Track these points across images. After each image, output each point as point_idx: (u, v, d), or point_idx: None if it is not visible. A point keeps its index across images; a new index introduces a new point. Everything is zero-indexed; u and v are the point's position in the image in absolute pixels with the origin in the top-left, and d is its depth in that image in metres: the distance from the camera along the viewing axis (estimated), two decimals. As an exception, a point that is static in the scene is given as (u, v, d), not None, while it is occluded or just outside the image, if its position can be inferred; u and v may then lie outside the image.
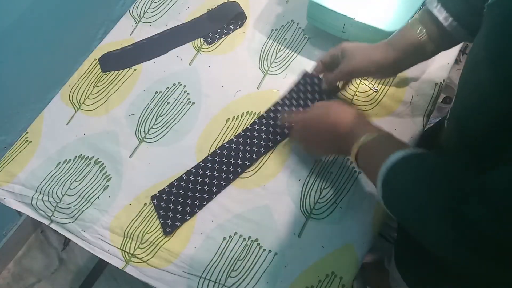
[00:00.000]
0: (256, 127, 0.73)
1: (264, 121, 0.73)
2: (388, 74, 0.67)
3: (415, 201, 0.42)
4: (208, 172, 0.70)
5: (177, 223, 0.66)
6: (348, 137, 0.55)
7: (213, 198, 0.68)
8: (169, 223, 0.66)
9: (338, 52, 0.65)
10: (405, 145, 0.49)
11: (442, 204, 0.39)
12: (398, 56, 0.60)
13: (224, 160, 0.71)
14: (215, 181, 0.69)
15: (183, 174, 0.70)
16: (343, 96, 0.75)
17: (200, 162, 0.71)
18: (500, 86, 0.38)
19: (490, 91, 0.39)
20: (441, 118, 0.75)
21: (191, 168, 0.70)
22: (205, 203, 0.67)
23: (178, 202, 0.68)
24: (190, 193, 0.68)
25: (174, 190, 0.69)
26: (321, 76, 0.72)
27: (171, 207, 0.68)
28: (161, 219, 0.67)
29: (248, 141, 0.72)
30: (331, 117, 0.58)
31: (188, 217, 0.67)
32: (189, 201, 0.68)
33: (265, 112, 0.74)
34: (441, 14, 0.54)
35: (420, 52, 0.59)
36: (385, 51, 0.61)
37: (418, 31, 0.57)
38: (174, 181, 0.70)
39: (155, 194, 0.69)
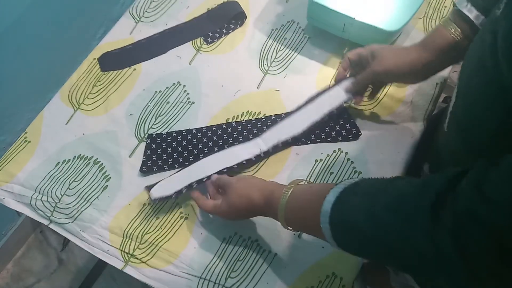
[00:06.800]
0: (259, 124, 0.72)
1: (269, 122, 0.72)
2: (420, 78, 0.62)
3: (382, 223, 0.38)
4: (205, 140, 0.71)
5: (155, 168, 0.70)
6: (268, 205, 0.53)
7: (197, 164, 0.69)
8: (148, 164, 0.70)
9: (368, 52, 0.63)
10: (329, 184, 0.46)
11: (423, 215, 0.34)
12: (432, 57, 0.58)
13: (225, 136, 0.71)
14: (206, 150, 0.70)
15: (184, 130, 0.72)
16: (364, 105, 0.72)
17: (203, 127, 0.73)
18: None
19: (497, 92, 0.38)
20: (438, 115, 0.72)
21: (193, 129, 0.73)
22: (187, 163, 0.69)
23: (166, 151, 0.71)
24: (180, 149, 0.71)
25: (168, 139, 0.72)
26: (347, 74, 0.69)
27: (158, 152, 0.71)
28: (144, 157, 0.71)
29: (251, 136, 0.71)
30: (243, 202, 0.55)
31: (167, 168, 0.69)
32: (175, 155, 0.70)
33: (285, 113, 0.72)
34: (471, 13, 0.53)
35: (455, 52, 0.57)
36: (418, 52, 0.59)
37: (453, 30, 0.56)
38: (173, 131, 0.73)
39: (152, 134, 0.73)
